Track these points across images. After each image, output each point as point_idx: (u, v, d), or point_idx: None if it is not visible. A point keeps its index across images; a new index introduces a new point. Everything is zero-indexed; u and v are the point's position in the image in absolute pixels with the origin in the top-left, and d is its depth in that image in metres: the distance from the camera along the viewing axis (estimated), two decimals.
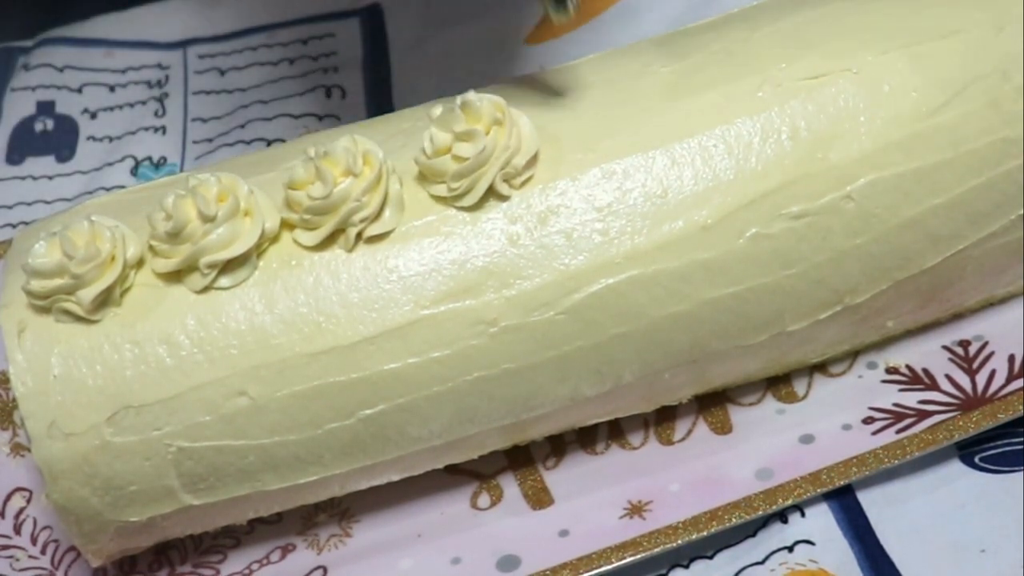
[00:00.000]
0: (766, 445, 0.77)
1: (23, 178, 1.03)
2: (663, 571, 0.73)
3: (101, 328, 0.68)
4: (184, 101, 1.07)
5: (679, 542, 0.71)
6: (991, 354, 0.79)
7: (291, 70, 1.09)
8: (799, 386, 0.80)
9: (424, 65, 1.08)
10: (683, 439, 0.79)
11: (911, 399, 0.77)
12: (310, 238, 0.69)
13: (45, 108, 1.08)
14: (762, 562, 0.72)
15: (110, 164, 1.03)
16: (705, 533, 0.72)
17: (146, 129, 1.05)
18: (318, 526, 0.78)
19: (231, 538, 0.78)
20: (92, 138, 1.06)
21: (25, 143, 1.06)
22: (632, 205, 0.71)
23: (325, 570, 0.75)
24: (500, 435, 0.74)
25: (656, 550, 0.71)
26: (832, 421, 0.77)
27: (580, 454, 0.79)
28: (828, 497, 0.74)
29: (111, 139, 1.05)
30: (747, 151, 0.71)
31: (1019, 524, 0.72)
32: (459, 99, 0.69)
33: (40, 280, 0.68)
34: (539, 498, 0.77)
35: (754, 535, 0.74)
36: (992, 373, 0.78)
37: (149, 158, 1.03)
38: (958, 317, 0.81)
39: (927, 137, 0.72)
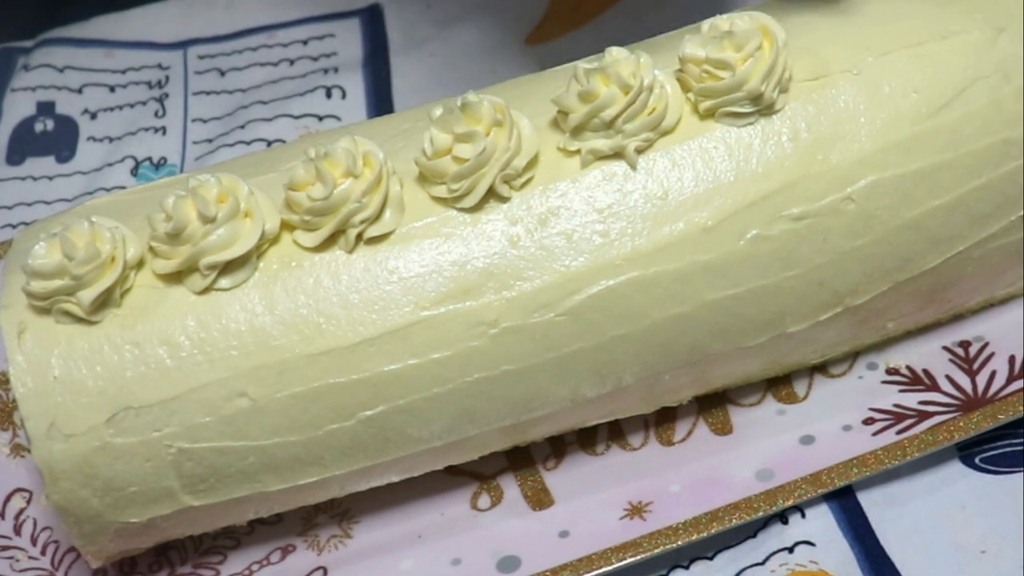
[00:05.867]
0: (766, 446, 0.77)
1: (23, 178, 1.03)
2: (663, 572, 0.73)
3: (101, 329, 0.68)
4: (184, 101, 1.07)
5: (679, 543, 0.71)
6: (991, 355, 0.79)
7: (291, 70, 1.09)
8: (799, 387, 0.80)
9: (424, 65, 1.08)
10: (683, 440, 0.79)
11: (911, 400, 0.77)
12: (310, 239, 0.69)
13: (45, 108, 1.08)
14: (762, 563, 0.73)
15: (110, 164, 1.03)
16: (705, 534, 0.72)
17: (146, 129, 1.05)
18: (318, 527, 0.78)
19: (231, 539, 0.78)
20: (92, 138, 1.06)
21: (25, 143, 1.06)
22: (632, 207, 0.71)
23: (325, 571, 0.75)
24: (500, 436, 0.74)
25: (656, 551, 0.71)
26: (832, 422, 0.77)
27: (580, 455, 0.79)
28: (828, 498, 0.74)
29: (111, 139, 1.05)
30: (747, 152, 0.71)
31: (1019, 525, 0.72)
32: (459, 100, 0.69)
33: (40, 281, 0.68)
34: (539, 499, 0.77)
35: (754, 536, 0.74)
36: (992, 374, 0.78)
37: (149, 159, 1.03)
38: (958, 318, 0.81)
39: (927, 138, 0.72)
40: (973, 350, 0.80)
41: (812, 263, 0.72)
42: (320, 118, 1.04)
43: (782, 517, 0.74)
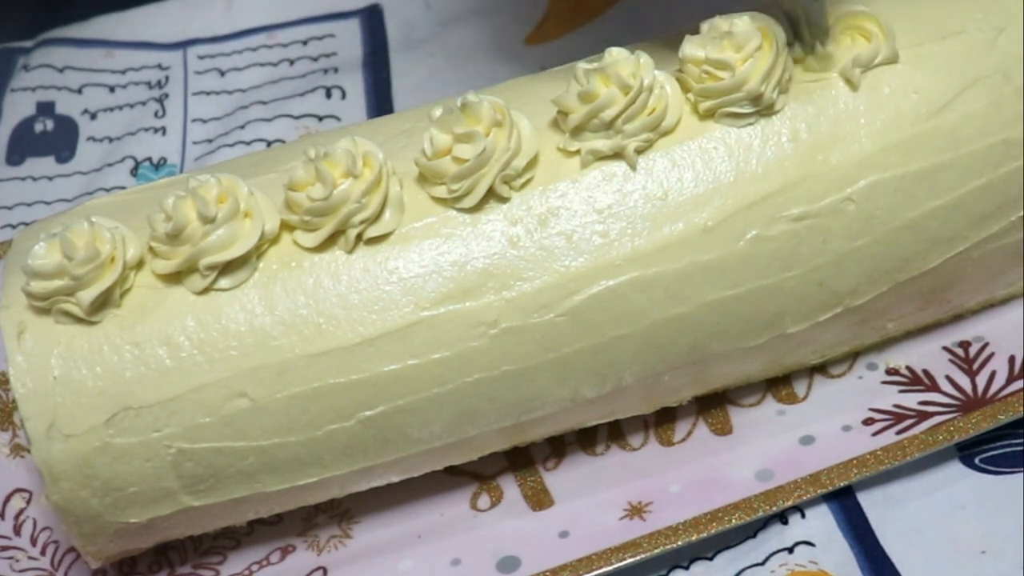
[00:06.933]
0: (766, 446, 0.77)
1: (23, 179, 1.03)
2: (663, 572, 0.73)
3: (101, 329, 0.68)
4: (184, 102, 1.07)
5: (679, 543, 0.71)
6: (991, 355, 0.79)
7: (291, 71, 1.09)
8: (799, 387, 0.80)
9: (424, 65, 1.08)
10: (683, 440, 0.79)
11: (911, 400, 0.77)
12: (310, 239, 0.69)
13: (45, 109, 1.08)
14: (762, 563, 0.72)
15: (110, 165, 1.03)
16: (705, 534, 0.72)
17: (146, 130, 1.05)
18: (318, 527, 0.78)
19: (231, 539, 0.78)
20: (92, 139, 1.06)
21: (25, 144, 1.06)
22: (632, 207, 0.71)
23: (325, 571, 0.75)
24: (500, 436, 0.74)
25: (656, 551, 0.71)
26: (832, 422, 0.77)
27: (580, 455, 0.79)
28: (828, 498, 0.74)
29: (111, 140, 1.05)
30: (747, 153, 0.71)
31: (1019, 525, 0.72)
32: (459, 100, 0.69)
33: (40, 281, 0.68)
34: (539, 499, 0.77)
35: (754, 536, 0.74)
36: (992, 374, 0.78)
37: (149, 159, 1.03)
38: (958, 318, 0.81)
39: (927, 139, 0.72)
40: (973, 350, 0.80)
41: (812, 264, 0.72)
42: (320, 118, 1.04)
43: (782, 517, 0.74)
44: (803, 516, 0.74)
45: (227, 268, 0.69)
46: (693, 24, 0.73)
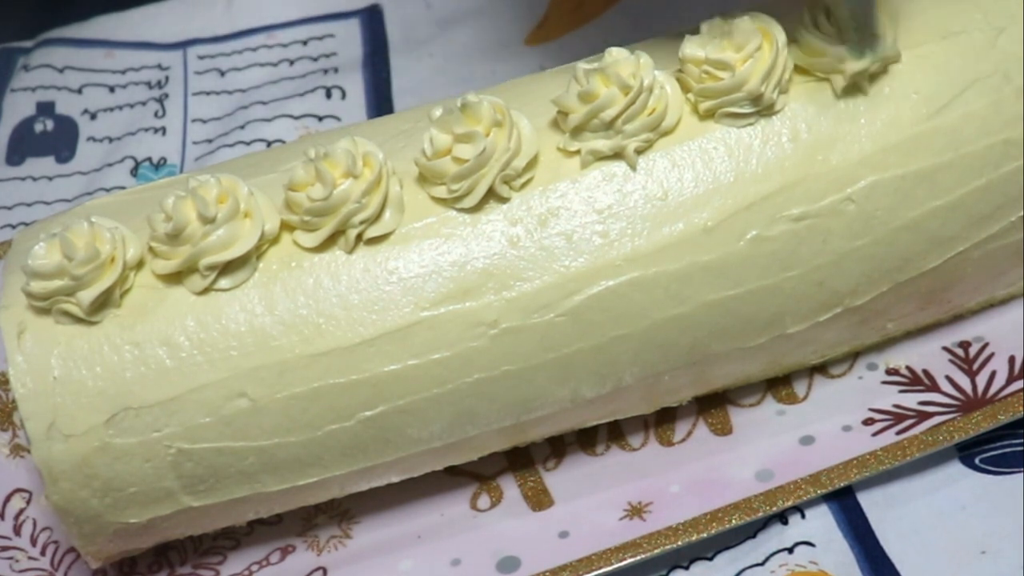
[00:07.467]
0: (766, 446, 0.77)
1: (23, 179, 1.03)
2: (663, 572, 0.73)
3: (101, 329, 0.68)
4: (184, 102, 1.07)
5: (679, 543, 0.71)
6: (991, 355, 0.79)
7: (291, 71, 1.09)
8: (799, 387, 0.80)
9: (424, 65, 1.08)
10: (683, 440, 0.79)
11: (911, 400, 0.77)
12: (310, 239, 0.69)
13: (45, 109, 1.08)
14: (762, 563, 0.73)
15: (110, 165, 1.03)
16: (705, 534, 0.72)
17: (146, 130, 1.05)
18: (318, 527, 0.78)
19: (231, 539, 0.78)
20: (92, 139, 1.06)
21: (25, 144, 1.06)
22: (632, 207, 0.71)
23: (325, 571, 0.75)
24: (500, 437, 0.74)
25: (656, 551, 0.71)
26: (832, 422, 0.77)
27: (580, 455, 0.79)
28: (828, 498, 0.74)
29: (111, 140, 1.05)
30: (747, 153, 0.71)
31: (1019, 526, 0.72)
32: (459, 100, 0.69)
33: (40, 281, 0.68)
34: (539, 499, 0.77)
35: (754, 536, 0.74)
36: (992, 374, 0.78)
37: (149, 159, 1.03)
38: (958, 318, 0.81)
39: (928, 139, 0.72)
40: (973, 350, 0.80)
41: (812, 264, 0.72)
42: (320, 118, 1.04)
43: (782, 517, 0.74)
44: (803, 516, 0.74)
45: (227, 268, 0.69)
46: (693, 24, 0.73)
